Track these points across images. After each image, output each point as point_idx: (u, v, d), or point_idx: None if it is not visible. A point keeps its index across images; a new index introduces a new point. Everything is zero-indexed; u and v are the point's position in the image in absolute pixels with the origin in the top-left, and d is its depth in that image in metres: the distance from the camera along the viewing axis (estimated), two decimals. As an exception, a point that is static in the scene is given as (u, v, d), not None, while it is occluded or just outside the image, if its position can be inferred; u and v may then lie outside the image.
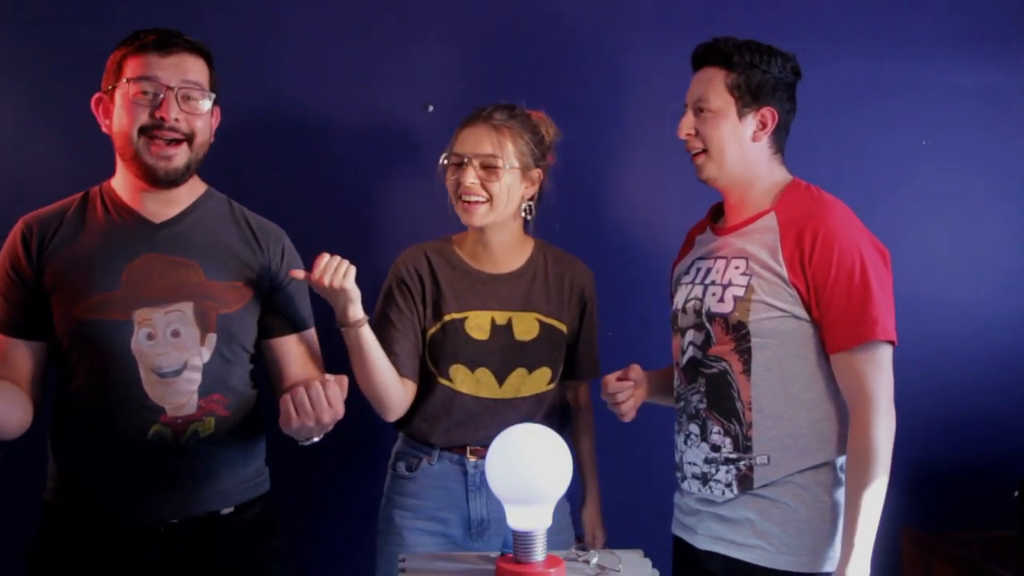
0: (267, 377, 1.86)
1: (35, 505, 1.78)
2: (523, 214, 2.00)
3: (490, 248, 2.00)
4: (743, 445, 1.75)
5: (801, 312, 1.72)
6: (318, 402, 1.58)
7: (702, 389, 1.80)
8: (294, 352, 1.85)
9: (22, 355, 1.71)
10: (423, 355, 1.97)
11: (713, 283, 1.81)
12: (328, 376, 1.61)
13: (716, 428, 1.78)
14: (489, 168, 1.91)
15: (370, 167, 2.37)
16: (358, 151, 2.37)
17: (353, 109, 2.38)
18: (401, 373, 1.92)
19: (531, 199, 1.99)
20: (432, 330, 1.96)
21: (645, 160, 2.47)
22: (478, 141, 1.92)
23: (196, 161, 1.74)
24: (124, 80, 1.69)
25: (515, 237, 2.01)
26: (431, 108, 2.37)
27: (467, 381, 1.95)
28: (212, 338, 1.71)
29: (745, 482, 1.75)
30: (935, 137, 2.52)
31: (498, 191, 1.92)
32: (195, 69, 1.72)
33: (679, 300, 1.89)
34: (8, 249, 1.73)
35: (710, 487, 1.79)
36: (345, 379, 1.62)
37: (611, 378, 1.89)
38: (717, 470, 1.78)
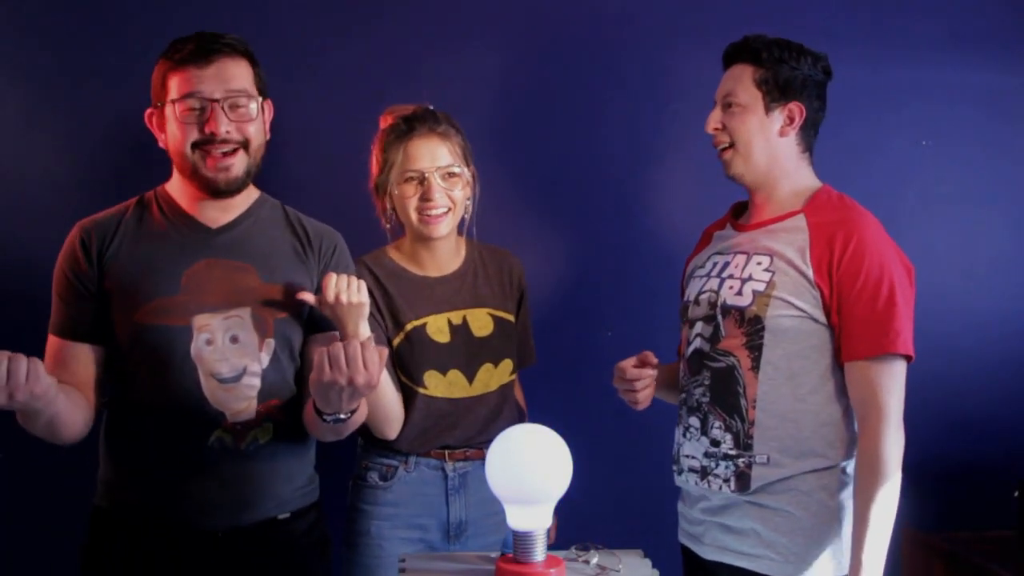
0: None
1: (84, 509, 1.77)
2: (464, 215, 2.00)
3: (436, 253, 2.00)
4: (744, 443, 1.75)
5: (820, 316, 1.72)
6: (354, 360, 1.49)
7: (706, 382, 1.80)
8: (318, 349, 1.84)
9: (81, 359, 1.71)
10: (391, 367, 1.96)
11: (731, 276, 1.80)
12: (365, 340, 1.55)
13: (717, 423, 1.77)
14: (451, 177, 1.93)
15: (370, 167, 2.37)
16: (358, 151, 2.36)
17: (353, 109, 2.38)
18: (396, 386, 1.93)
19: (469, 199, 2.00)
20: (397, 340, 1.96)
21: (646, 160, 2.47)
22: (434, 154, 1.93)
23: (255, 165, 1.75)
24: (170, 100, 1.69)
25: (454, 239, 2.03)
26: (431, 108, 2.37)
27: (440, 385, 1.95)
28: (270, 343, 1.71)
29: (743, 479, 1.75)
30: (935, 137, 2.52)
31: (459, 198, 1.94)
32: (238, 75, 1.70)
33: (692, 292, 1.88)
34: (67, 254, 1.72)
35: (708, 481, 1.78)
36: (385, 350, 1.55)
37: (627, 365, 1.86)
38: (716, 465, 1.78)
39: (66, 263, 1.72)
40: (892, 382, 1.68)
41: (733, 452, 1.76)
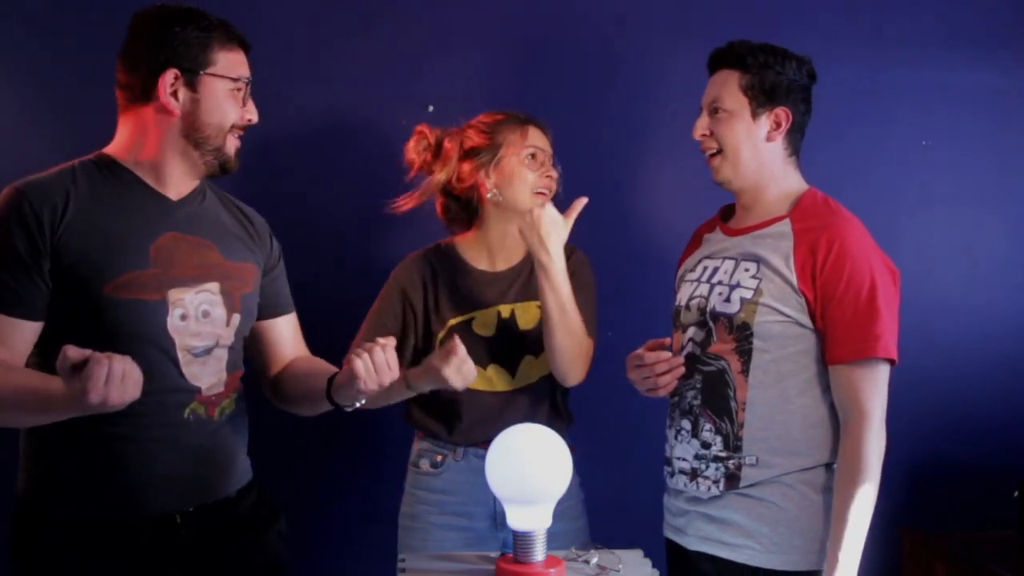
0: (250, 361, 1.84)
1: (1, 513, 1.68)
2: None
3: (506, 244, 2.05)
4: (733, 444, 1.77)
5: (806, 320, 1.74)
6: (381, 366, 1.58)
7: (697, 385, 1.81)
8: (288, 332, 1.88)
9: (21, 336, 1.59)
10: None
11: (720, 283, 1.82)
12: (382, 341, 1.62)
13: (708, 425, 1.79)
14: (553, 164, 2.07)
15: (370, 167, 2.37)
16: (358, 151, 2.37)
17: (353, 109, 2.38)
18: None
19: None
20: (440, 335, 2.00)
21: (646, 160, 2.47)
22: (545, 140, 2.05)
23: None
24: (222, 75, 1.68)
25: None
26: (431, 108, 2.37)
27: (480, 379, 1.97)
28: (236, 318, 1.73)
29: (732, 480, 1.77)
30: (935, 137, 2.52)
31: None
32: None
33: (683, 296, 1.90)
34: (8, 218, 1.58)
35: (697, 483, 1.80)
36: (393, 340, 1.64)
37: (642, 351, 1.85)
38: (706, 467, 1.79)
39: (9, 232, 1.57)
40: (874, 386, 1.70)
41: (723, 454, 1.78)
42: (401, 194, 2.28)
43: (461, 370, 1.73)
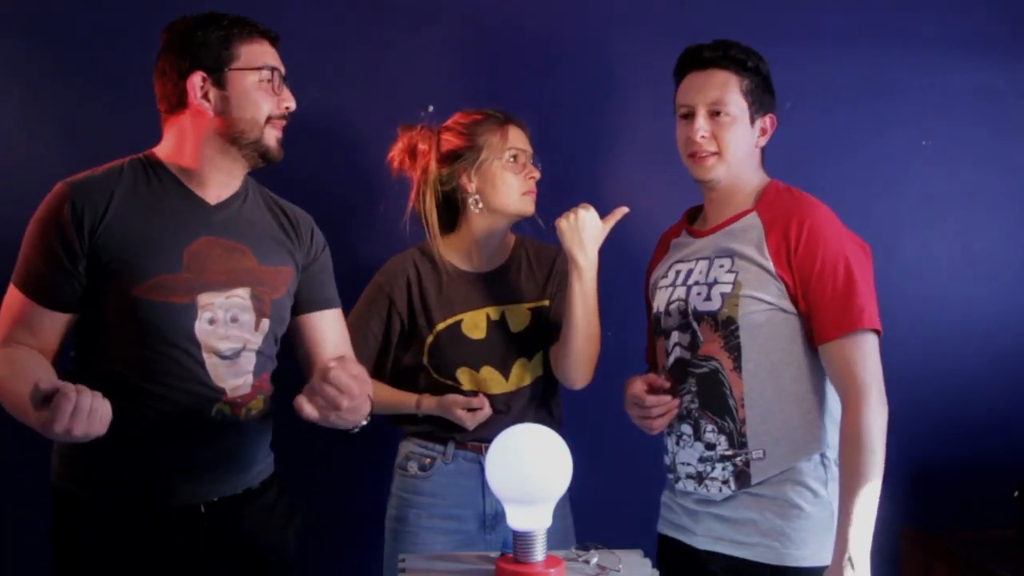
0: (294, 354, 1.88)
1: (41, 492, 1.75)
2: None
3: (490, 246, 2.04)
4: (738, 441, 1.77)
5: (788, 305, 1.75)
6: (338, 397, 1.51)
7: (693, 389, 1.82)
8: (328, 329, 1.88)
9: (52, 326, 1.66)
10: (424, 364, 2.01)
11: (697, 283, 1.83)
12: (336, 363, 1.54)
13: (710, 427, 1.79)
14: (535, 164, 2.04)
15: (370, 167, 2.37)
16: (358, 151, 2.37)
17: (353, 109, 2.38)
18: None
19: None
20: (428, 340, 1.99)
21: (645, 160, 2.47)
22: (525, 140, 2.03)
23: None
24: (246, 67, 1.71)
25: (507, 233, 2.08)
26: (431, 108, 2.37)
27: (473, 381, 1.97)
28: (266, 323, 1.75)
29: (742, 477, 1.77)
30: (935, 137, 2.52)
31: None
32: (279, 58, 1.78)
33: (660, 303, 1.90)
34: (53, 217, 1.65)
35: (706, 485, 1.80)
36: (358, 368, 1.56)
37: (642, 392, 1.84)
38: (713, 468, 1.79)
39: (52, 227, 1.65)
40: (865, 357, 1.71)
41: (729, 452, 1.78)
42: (402, 195, 2.28)
43: (480, 420, 1.86)
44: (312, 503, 2.33)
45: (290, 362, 1.88)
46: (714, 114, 1.84)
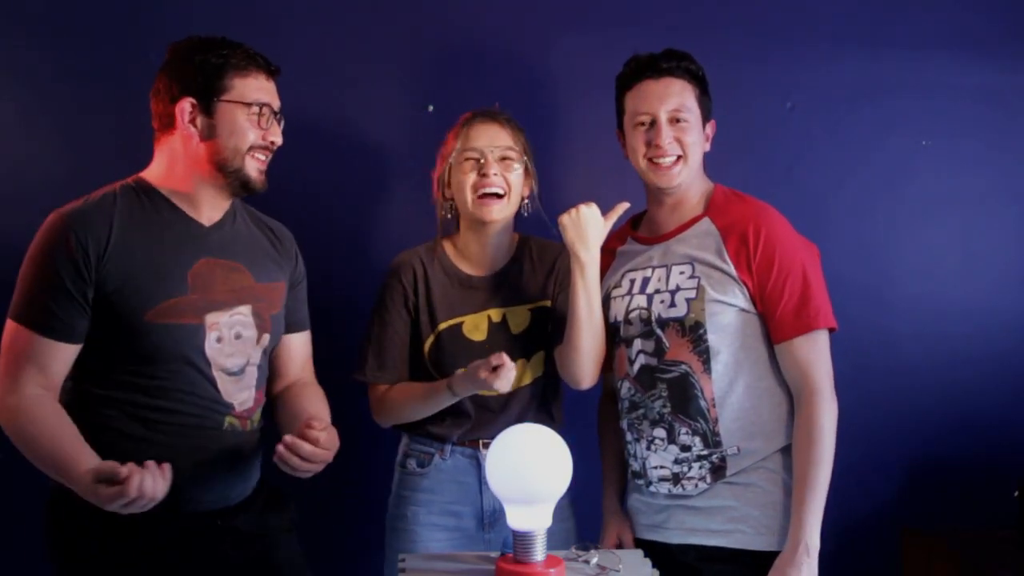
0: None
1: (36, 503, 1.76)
2: (523, 212, 2.04)
3: (487, 248, 2.02)
4: (712, 441, 1.81)
5: (749, 306, 1.82)
6: (312, 457, 1.64)
7: (664, 394, 1.84)
8: (296, 350, 1.92)
9: (61, 359, 1.67)
10: (425, 363, 2.01)
11: (658, 291, 1.87)
12: (316, 424, 1.65)
13: (684, 429, 1.83)
14: (506, 161, 1.96)
15: (370, 167, 2.37)
16: (358, 151, 2.37)
17: (353, 109, 2.38)
18: (393, 377, 2.00)
19: (528, 197, 2.04)
20: (430, 339, 2.00)
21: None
22: (493, 136, 1.97)
23: None
24: (236, 100, 1.73)
25: (509, 235, 2.05)
26: (431, 108, 2.37)
27: None
28: (266, 338, 1.81)
29: (719, 472, 1.82)
30: (935, 137, 2.52)
31: (515, 183, 1.97)
32: (275, 92, 1.81)
33: (618, 312, 1.92)
34: (56, 251, 1.66)
35: (682, 485, 1.84)
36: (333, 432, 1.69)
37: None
38: (690, 468, 1.83)
39: (59, 259, 1.65)
40: (818, 355, 1.81)
41: (705, 452, 1.82)
42: (403, 195, 2.29)
43: (507, 377, 1.79)
44: (313, 503, 2.34)
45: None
46: (675, 120, 1.89)
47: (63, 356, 1.67)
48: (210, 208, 1.79)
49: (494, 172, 1.94)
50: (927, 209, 2.52)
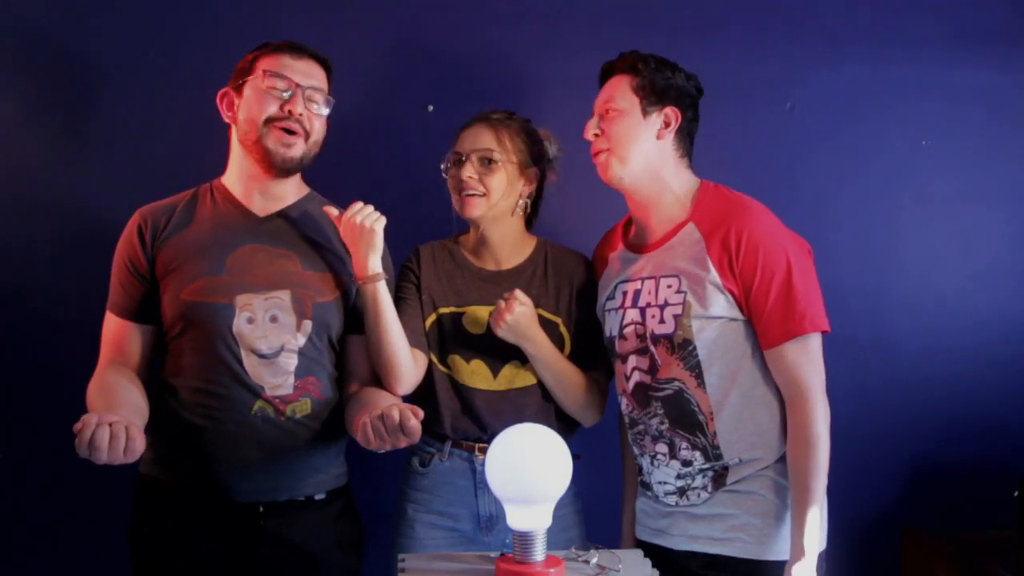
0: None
1: (128, 480, 1.85)
2: (520, 212, 2.02)
3: (490, 244, 2.03)
4: (713, 454, 1.80)
5: (737, 313, 1.78)
6: (393, 432, 1.62)
7: (660, 411, 1.83)
8: (364, 351, 1.91)
9: (137, 339, 1.85)
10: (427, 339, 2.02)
11: (649, 305, 1.84)
12: (402, 405, 1.65)
13: (684, 444, 1.82)
14: (486, 162, 1.97)
15: (371, 167, 2.37)
16: (358, 151, 2.37)
17: (353, 109, 2.38)
18: (412, 343, 1.95)
19: (529, 196, 2.02)
20: (431, 318, 2.01)
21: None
22: (476, 138, 1.99)
23: (309, 157, 1.89)
24: (260, 72, 1.82)
25: (516, 234, 2.04)
26: (431, 108, 2.38)
27: (463, 371, 1.98)
28: (307, 324, 1.82)
29: (720, 480, 1.80)
30: (935, 137, 2.52)
31: (495, 185, 1.96)
32: (320, 77, 1.88)
33: (613, 326, 1.90)
34: (125, 240, 1.86)
35: (687, 496, 1.83)
36: (420, 412, 1.64)
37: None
38: (693, 480, 1.82)
39: (124, 248, 1.85)
40: (807, 360, 1.75)
41: (707, 465, 1.81)
42: (403, 194, 2.28)
43: (361, 216, 1.83)
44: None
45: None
46: (604, 113, 1.88)
47: (135, 335, 1.84)
48: (264, 199, 1.88)
49: (468, 175, 1.96)
50: (927, 209, 2.52)
